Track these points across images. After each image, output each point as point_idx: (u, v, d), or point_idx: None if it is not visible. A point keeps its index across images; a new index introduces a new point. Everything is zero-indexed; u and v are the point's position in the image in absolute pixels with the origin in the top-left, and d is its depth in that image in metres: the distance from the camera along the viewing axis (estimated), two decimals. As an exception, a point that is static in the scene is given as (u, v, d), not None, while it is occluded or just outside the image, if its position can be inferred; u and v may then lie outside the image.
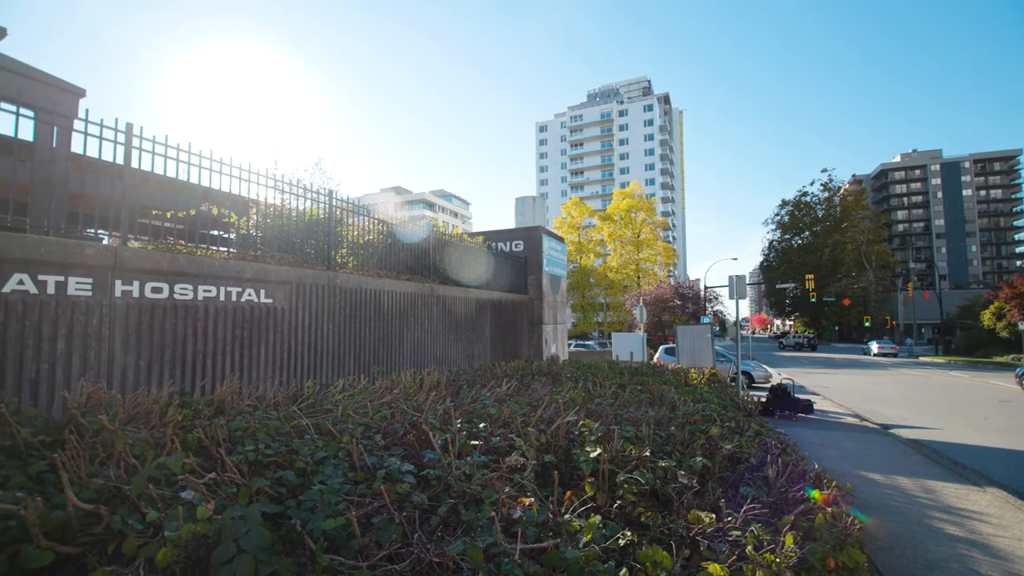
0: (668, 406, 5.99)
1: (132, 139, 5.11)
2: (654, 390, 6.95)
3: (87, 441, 2.79)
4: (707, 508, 3.44)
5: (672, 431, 4.47)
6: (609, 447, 3.35)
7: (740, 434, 5.62)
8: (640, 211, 47.15)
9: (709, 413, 5.88)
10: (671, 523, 2.88)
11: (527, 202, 21.68)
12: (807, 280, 44.57)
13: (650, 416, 4.75)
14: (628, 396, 6.16)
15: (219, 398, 4.01)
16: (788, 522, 3.13)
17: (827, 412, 12.86)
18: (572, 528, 2.43)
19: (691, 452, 4.12)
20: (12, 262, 3.99)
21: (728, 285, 12.88)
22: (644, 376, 8.50)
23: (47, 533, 1.99)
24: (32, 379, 4.06)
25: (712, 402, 7.26)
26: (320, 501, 2.32)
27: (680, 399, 6.61)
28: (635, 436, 3.92)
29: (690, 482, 3.31)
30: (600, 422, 4.24)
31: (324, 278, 6.93)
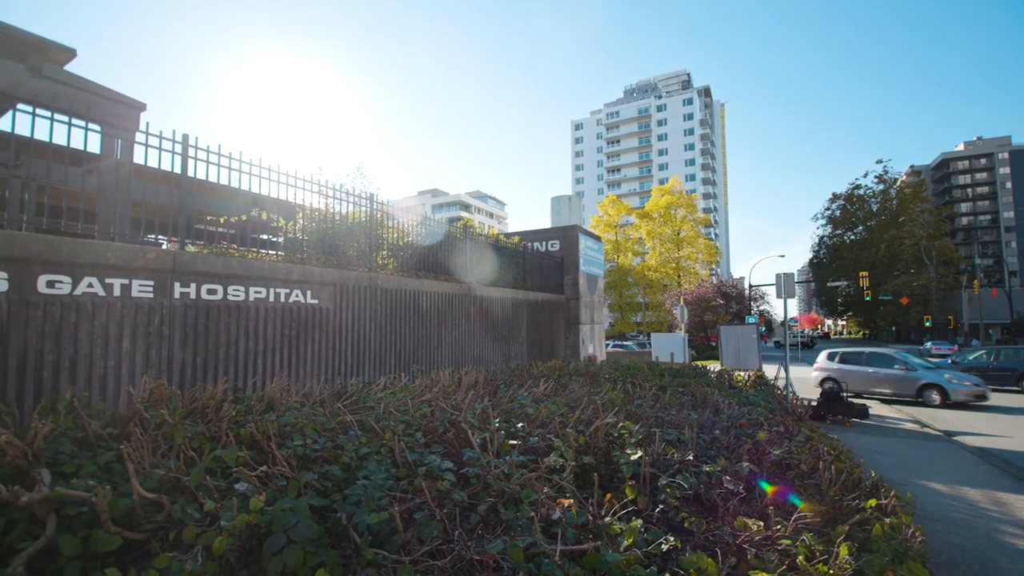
0: (711, 409, 5.82)
1: (188, 149, 5.41)
2: (696, 392, 6.77)
3: (150, 434, 2.97)
4: (754, 515, 3.32)
5: (716, 435, 4.34)
6: (650, 450, 3.28)
7: (789, 439, 5.39)
8: (680, 208, 46.03)
9: (756, 417, 5.67)
10: (716, 529, 2.80)
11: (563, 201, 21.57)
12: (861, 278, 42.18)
13: (693, 419, 4.62)
14: (669, 398, 6.02)
15: (269, 395, 4.19)
16: (843, 532, 2.98)
17: (884, 417, 12.15)
18: (613, 531, 2.40)
19: (737, 457, 3.99)
20: (82, 266, 4.30)
21: (775, 283, 12.40)
22: (686, 378, 8.30)
23: (115, 519, 2.13)
24: (101, 375, 4.36)
25: (759, 405, 7.00)
26: (364, 496, 2.38)
27: (724, 402, 6.41)
28: (677, 439, 3.83)
29: (736, 488, 3.20)
30: (640, 424, 4.16)
31: (366, 279, 7.12)
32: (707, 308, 36.44)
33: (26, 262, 3.99)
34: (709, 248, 46.05)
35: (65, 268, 4.19)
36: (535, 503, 2.54)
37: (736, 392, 8.26)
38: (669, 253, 45.81)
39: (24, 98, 4.44)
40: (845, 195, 69.29)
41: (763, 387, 10.64)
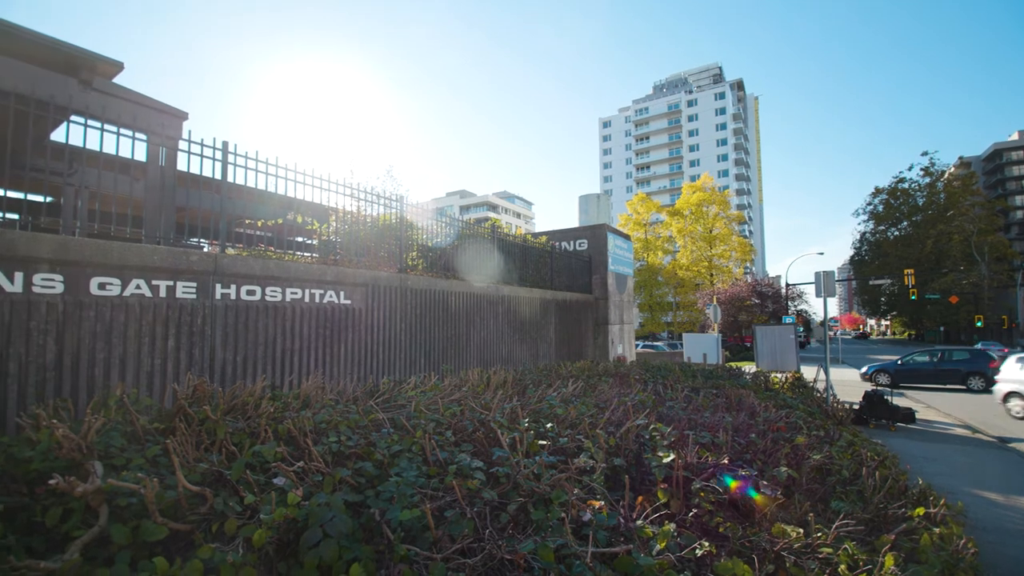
0: (747, 412, 5.67)
1: (228, 156, 5.62)
2: (731, 394, 6.60)
3: (193, 429, 3.10)
4: (793, 522, 3.22)
5: (752, 438, 4.22)
6: (683, 453, 3.22)
7: (830, 444, 5.20)
8: (712, 205, 44.94)
9: (794, 420, 5.50)
10: (752, 535, 2.72)
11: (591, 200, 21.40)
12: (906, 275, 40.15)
13: (727, 422, 4.51)
14: (702, 400, 5.89)
15: (305, 392, 4.31)
16: (888, 541, 2.85)
17: (931, 422, 11.57)
18: (645, 534, 2.36)
19: (774, 461, 3.87)
20: (131, 268, 4.52)
21: (814, 282, 11.96)
22: (719, 379, 8.10)
23: (162, 511, 2.23)
24: (148, 372, 4.58)
25: (797, 408, 6.78)
26: (397, 493, 2.42)
27: (760, 405, 6.23)
28: (711, 442, 3.74)
29: (774, 493, 3.11)
30: (673, 426, 4.08)
31: (396, 280, 7.24)
32: (741, 308, 35.48)
33: (79, 265, 4.22)
34: (743, 246, 44.79)
35: (115, 271, 4.42)
36: (565, 504, 2.53)
37: (773, 395, 8.02)
38: (701, 251, 44.79)
39: (77, 110, 4.70)
40: (888, 189, 66.12)
41: (801, 390, 10.29)
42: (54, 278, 4.07)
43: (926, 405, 14.10)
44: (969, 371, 17.90)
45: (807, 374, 13.98)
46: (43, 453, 2.59)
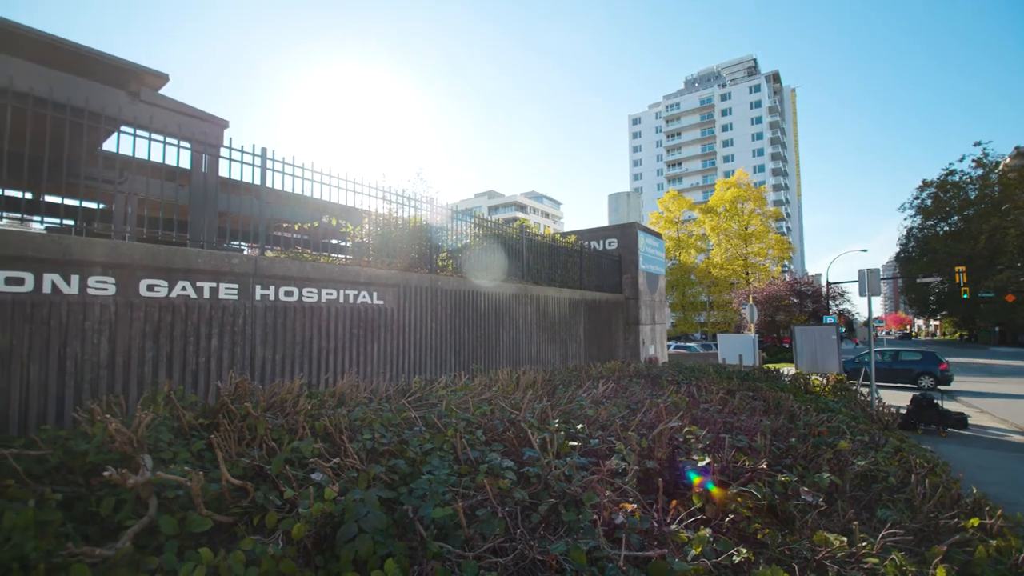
0: (786, 415, 5.48)
1: (266, 162, 5.81)
2: (769, 397, 6.40)
3: (235, 425, 3.22)
4: (836, 530, 3.09)
5: (792, 443, 4.08)
6: (719, 456, 3.14)
7: (875, 449, 4.97)
8: (748, 201, 43.69)
9: (836, 424, 5.28)
10: (793, 543, 2.63)
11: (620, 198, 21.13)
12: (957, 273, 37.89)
13: (765, 425, 4.37)
14: (738, 403, 5.73)
15: (340, 390, 4.41)
16: (939, 553, 2.71)
17: (986, 428, 10.92)
18: (679, 539, 2.31)
19: (816, 467, 3.73)
20: (177, 271, 4.73)
21: (858, 280, 11.48)
22: (756, 381, 7.86)
23: (206, 503, 2.33)
24: (193, 370, 4.78)
25: (839, 412, 6.51)
26: (429, 490, 2.45)
27: (800, 408, 6.02)
28: (748, 446, 3.64)
29: (815, 500, 2.99)
30: (707, 429, 3.99)
31: (427, 280, 7.33)
32: (779, 307, 34.35)
33: (130, 268, 4.44)
34: (781, 243, 43.36)
35: (162, 273, 4.64)
36: (597, 506, 2.51)
37: (813, 398, 7.73)
38: (736, 249, 43.60)
39: (126, 121, 4.95)
40: (937, 182, 62.57)
41: (844, 393, 9.88)
42: (107, 280, 4.30)
43: (979, 410, 13.32)
44: (921, 371, 19.12)
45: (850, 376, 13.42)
46: (97, 446, 2.73)
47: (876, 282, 11.08)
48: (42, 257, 3.97)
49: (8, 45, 5.47)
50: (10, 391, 3.76)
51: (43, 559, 1.94)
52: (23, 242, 3.90)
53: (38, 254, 3.95)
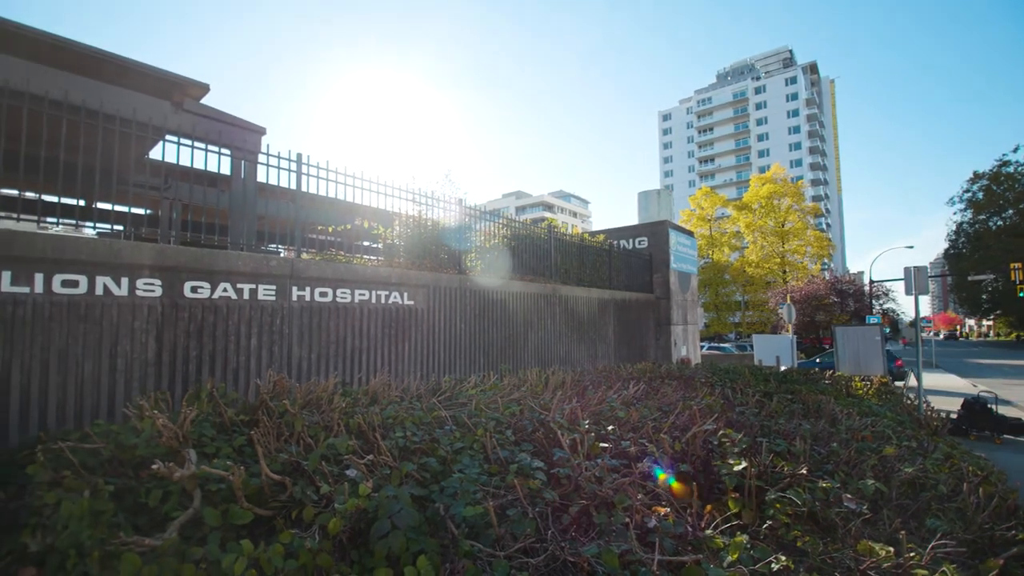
0: (827, 419, 5.28)
1: (301, 167, 5.98)
2: (808, 400, 6.18)
3: (274, 421, 3.32)
4: (881, 539, 2.96)
5: (834, 448, 3.93)
6: (756, 461, 3.05)
7: (924, 456, 4.73)
8: (784, 197, 42.26)
9: (881, 429, 5.06)
10: (835, 552, 2.53)
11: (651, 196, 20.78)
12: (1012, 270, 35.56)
13: (805, 429, 4.23)
14: (776, 406, 5.56)
15: (373, 389, 4.50)
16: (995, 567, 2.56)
17: (1049, 435, 10.22)
18: (715, 545, 2.26)
19: (859, 473, 3.58)
20: (218, 273, 4.92)
21: (903, 278, 10.94)
22: (795, 384, 7.60)
23: (247, 496, 2.41)
24: (234, 368, 4.96)
25: (884, 416, 6.23)
26: (460, 489, 2.46)
27: (842, 411, 5.79)
28: (787, 451, 3.52)
29: (859, 507, 2.87)
30: (744, 433, 3.88)
31: (456, 281, 7.40)
32: (819, 306, 33.08)
33: (175, 271, 4.65)
34: (820, 240, 41.77)
35: (205, 275, 4.83)
36: (629, 509, 2.47)
37: (856, 401, 7.42)
38: (772, 247, 42.24)
39: (171, 130, 5.18)
40: (990, 174, 58.84)
41: (889, 396, 9.45)
42: (154, 282, 4.51)
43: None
44: None
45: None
46: (146, 441, 2.87)
47: (924, 280, 10.55)
48: (95, 261, 4.20)
49: (61, 60, 5.81)
50: (66, 387, 3.99)
51: (97, 547, 2.05)
52: (78, 246, 4.14)
53: (91, 258, 4.18)
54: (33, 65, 5.59)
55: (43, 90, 4.42)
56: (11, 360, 3.76)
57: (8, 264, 3.80)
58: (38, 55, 5.64)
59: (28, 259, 3.89)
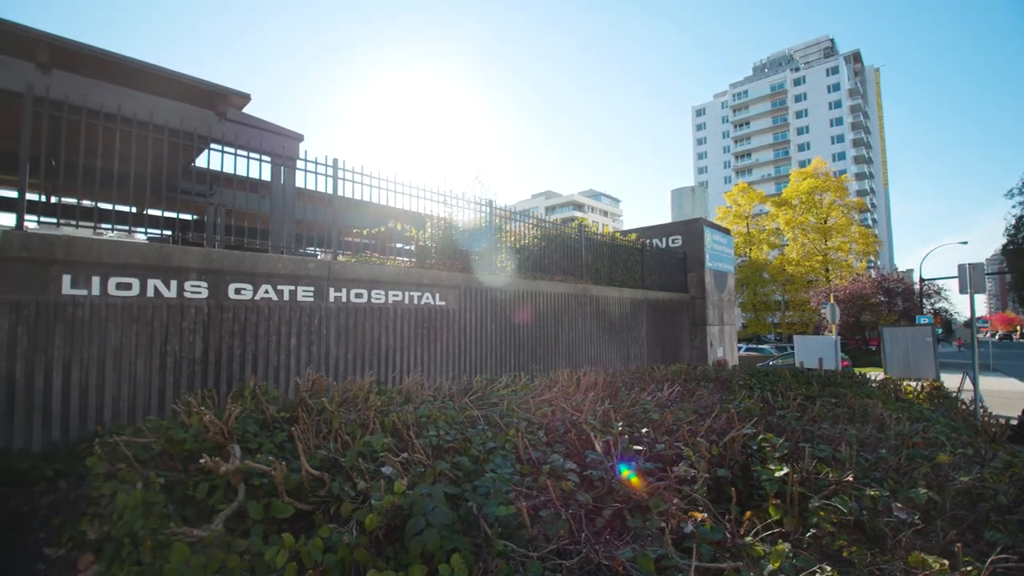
0: (874, 424, 5.05)
1: (337, 172, 6.14)
2: (854, 404, 5.92)
3: (313, 418, 3.42)
4: (935, 552, 2.80)
5: (882, 454, 3.75)
6: (799, 466, 2.94)
7: (981, 464, 4.45)
8: (826, 192, 40.53)
9: (934, 435, 4.79)
10: (883, 563, 2.41)
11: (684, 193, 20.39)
12: (1080, 267, 33.08)
13: (851, 434, 4.05)
14: (819, 410, 5.35)
15: (406, 388, 4.58)
16: (1067, 586, 2.38)
17: None
18: (755, 552, 2.19)
19: (910, 482, 3.40)
20: (260, 275, 5.11)
21: (957, 276, 10.34)
22: (839, 387, 7.29)
23: (288, 491, 2.49)
24: (275, 366, 5.14)
25: (937, 422, 5.90)
26: (493, 488, 2.47)
27: (891, 416, 5.51)
28: (832, 456, 3.38)
29: (910, 517, 2.73)
30: (785, 437, 3.75)
31: (487, 281, 7.45)
32: (865, 306, 31.61)
33: (220, 273, 4.85)
34: (865, 236, 39.89)
35: (247, 277, 5.02)
36: (664, 513, 2.42)
37: (906, 406, 7.06)
38: (814, 244, 40.59)
39: (215, 139, 5.41)
40: (1057, 163, 54.88)
41: (942, 400, 8.94)
42: (200, 285, 4.72)
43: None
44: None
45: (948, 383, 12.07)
46: (194, 436, 3.00)
47: (980, 278, 9.93)
48: (146, 264, 4.42)
49: (115, 74, 6.15)
50: (120, 384, 4.22)
51: (149, 536, 2.16)
52: (131, 251, 4.37)
53: (143, 261, 4.41)
54: (90, 80, 5.94)
55: (99, 104, 4.69)
56: (71, 359, 4.00)
57: (68, 268, 4.06)
58: (95, 71, 5.99)
59: (86, 263, 4.14)
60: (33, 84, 4.37)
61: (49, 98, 4.38)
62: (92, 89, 5.55)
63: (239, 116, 7.25)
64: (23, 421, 3.78)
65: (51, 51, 5.47)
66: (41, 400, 3.86)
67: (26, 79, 4.64)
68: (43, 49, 5.35)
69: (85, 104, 4.56)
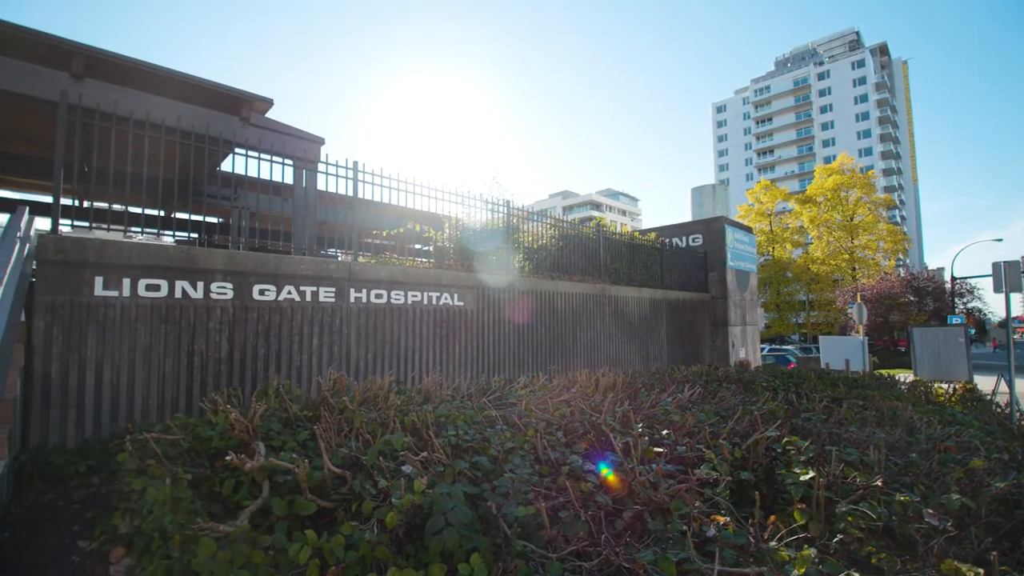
0: (904, 427, 4.90)
1: (358, 175, 6.22)
2: (882, 407, 5.75)
3: (334, 417, 3.47)
4: (968, 560, 2.70)
5: (912, 458, 3.63)
6: (825, 470, 2.87)
7: (1018, 470, 4.28)
8: (853, 188, 39.44)
9: (967, 440, 4.63)
10: (914, 571, 2.34)
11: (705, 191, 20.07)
12: None
13: (879, 438, 3.94)
14: (846, 412, 5.21)
15: (426, 387, 4.61)
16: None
17: None
18: (779, 557, 2.14)
19: (942, 487, 3.29)
20: (283, 276, 5.21)
21: (991, 274, 9.96)
22: (867, 389, 7.10)
23: (310, 488, 2.53)
24: (297, 366, 5.23)
25: (971, 426, 5.70)
26: (512, 489, 2.47)
27: (921, 420, 5.34)
28: (859, 460, 3.29)
29: (942, 524, 2.64)
30: (810, 440, 3.67)
31: (504, 282, 7.45)
32: (893, 306, 30.72)
33: (245, 275, 4.96)
34: (894, 234, 38.72)
35: (271, 279, 5.12)
36: (686, 517, 2.39)
37: (937, 408, 6.83)
38: (840, 242, 39.55)
39: (239, 144, 5.53)
40: (1100, 156, 52.48)
41: (975, 403, 8.62)
42: (226, 286, 4.83)
43: None
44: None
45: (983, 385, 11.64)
46: (220, 433, 3.08)
47: (1016, 276, 9.54)
48: (174, 266, 4.55)
49: (144, 82, 6.34)
50: (150, 382, 4.35)
51: (177, 531, 2.22)
52: (159, 254, 4.50)
53: (171, 263, 4.53)
54: (119, 88, 6.14)
55: (128, 110, 4.84)
56: (103, 358, 4.14)
57: (101, 270, 4.19)
58: (124, 78, 6.19)
59: (118, 265, 4.27)
60: (67, 92, 4.53)
61: (82, 106, 4.54)
62: (121, 96, 5.73)
63: (262, 120, 7.41)
64: (58, 418, 3.92)
65: (85, 61, 5.67)
66: (75, 398, 4.00)
67: (60, 87, 4.82)
68: (77, 59, 5.55)
69: (116, 111, 4.71)
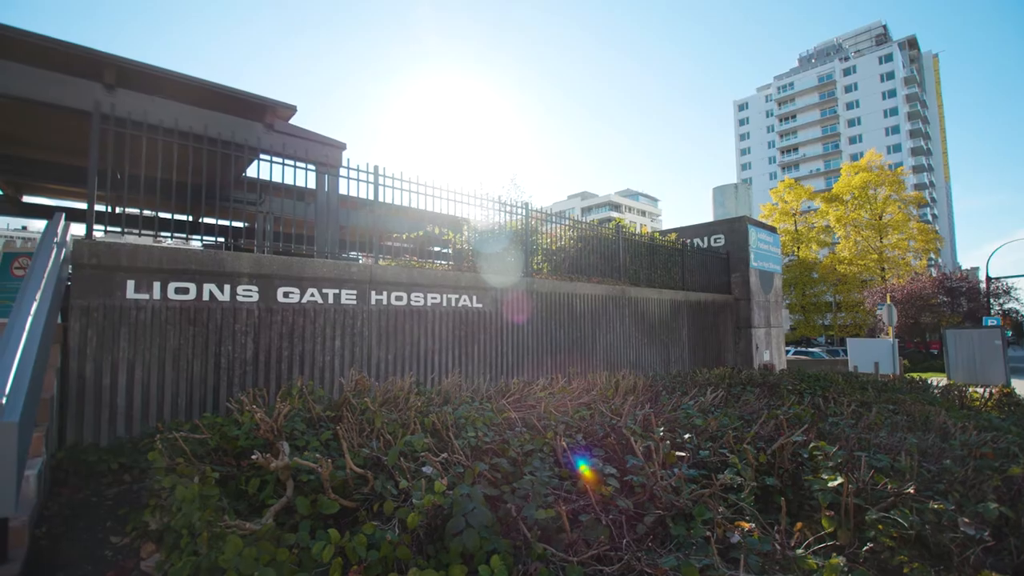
0: (937, 433, 4.73)
1: (378, 179, 6.31)
2: (914, 411, 5.57)
3: (356, 417, 3.51)
4: (1007, 572, 2.60)
5: (946, 465, 3.51)
6: (854, 477, 2.79)
7: (1062, 478, 4.09)
8: (881, 186, 38.27)
9: (1005, 446, 4.44)
10: (951, 583, 2.25)
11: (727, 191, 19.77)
12: None
13: (911, 444, 3.81)
14: (875, 417, 5.06)
15: (445, 389, 4.64)
16: None
17: None
18: (806, 566, 2.09)
19: (978, 495, 3.17)
20: (306, 280, 5.30)
21: (1029, 275, 9.54)
22: (897, 393, 6.88)
23: (333, 488, 2.56)
24: (320, 367, 5.32)
25: (1009, 431, 5.47)
26: (532, 491, 2.47)
27: (955, 425, 5.15)
28: (890, 467, 3.19)
29: (979, 533, 2.54)
30: (838, 446, 3.57)
31: (523, 284, 7.45)
32: (924, 307, 29.71)
33: (269, 278, 5.07)
34: (924, 233, 37.44)
35: (294, 282, 5.22)
36: (709, 522, 2.35)
37: (972, 413, 6.58)
38: (868, 242, 38.42)
39: (264, 150, 5.66)
40: None
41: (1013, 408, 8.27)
42: (252, 289, 4.94)
43: None
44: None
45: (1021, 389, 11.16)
46: (246, 433, 3.14)
47: (1060, 276, 9.13)
48: (202, 270, 4.67)
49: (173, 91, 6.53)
50: (179, 383, 4.47)
51: (205, 528, 2.27)
52: (188, 257, 4.63)
53: (199, 267, 4.66)
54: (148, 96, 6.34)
55: (158, 119, 5.00)
56: (135, 359, 4.28)
57: (132, 274, 4.34)
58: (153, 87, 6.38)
59: (148, 269, 4.41)
60: (100, 102, 4.70)
61: (115, 115, 4.70)
62: (150, 104, 5.91)
63: (285, 127, 7.57)
64: (92, 417, 4.06)
65: (117, 71, 5.87)
66: (108, 397, 4.14)
67: (93, 98, 5.00)
68: (110, 70, 5.75)
69: (146, 119, 4.87)
